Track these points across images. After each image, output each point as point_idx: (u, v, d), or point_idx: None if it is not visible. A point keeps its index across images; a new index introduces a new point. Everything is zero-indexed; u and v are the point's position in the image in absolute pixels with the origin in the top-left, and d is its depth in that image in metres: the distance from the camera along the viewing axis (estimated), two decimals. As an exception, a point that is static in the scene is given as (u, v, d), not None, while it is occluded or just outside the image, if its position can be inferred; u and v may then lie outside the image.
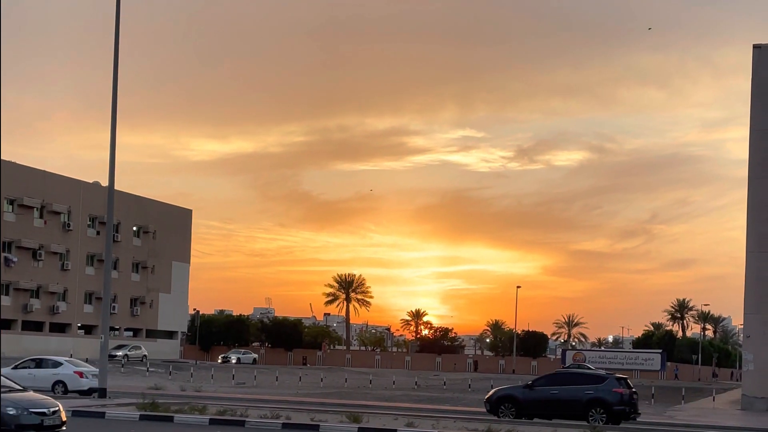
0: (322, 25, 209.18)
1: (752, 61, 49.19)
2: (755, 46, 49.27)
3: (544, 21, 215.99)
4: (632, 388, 32.83)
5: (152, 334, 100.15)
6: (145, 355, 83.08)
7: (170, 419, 27.20)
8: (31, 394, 21.42)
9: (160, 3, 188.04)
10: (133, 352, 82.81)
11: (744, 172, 49.15)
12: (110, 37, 31.75)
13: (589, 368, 59.08)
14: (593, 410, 31.31)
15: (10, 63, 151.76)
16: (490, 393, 33.87)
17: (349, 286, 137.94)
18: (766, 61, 49.00)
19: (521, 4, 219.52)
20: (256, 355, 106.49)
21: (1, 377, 21.01)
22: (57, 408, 20.79)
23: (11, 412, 19.80)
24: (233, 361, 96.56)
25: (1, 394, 20.16)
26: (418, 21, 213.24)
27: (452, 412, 35.19)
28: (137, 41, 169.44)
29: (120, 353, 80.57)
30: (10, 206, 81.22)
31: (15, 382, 22.08)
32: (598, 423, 30.58)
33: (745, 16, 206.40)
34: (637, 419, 32.60)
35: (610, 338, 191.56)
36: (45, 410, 20.39)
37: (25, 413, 19.97)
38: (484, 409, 33.24)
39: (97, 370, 35.99)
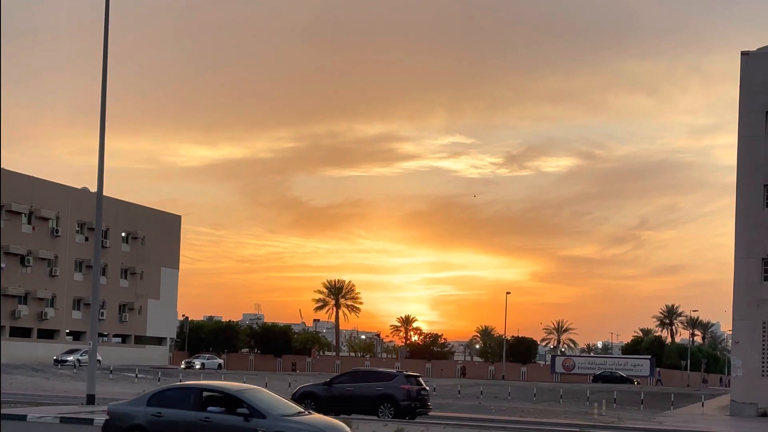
0: (312, 32, 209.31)
1: (740, 68, 49.36)
2: (743, 53, 49.44)
3: (534, 28, 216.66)
4: (422, 385, 34.47)
5: (141, 340, 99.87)
6: (98, 360, 79.23)
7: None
8: (319, 417, 19.45)
9: (149, 9, 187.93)
10: (85, 357, 74.88)
11: (732, 178, 49.35)
12: (99, 43, 31.68)
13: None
14: (383, 405, 33.16)
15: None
16: (295, 390, 35.48)
17: (338, 292, 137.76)
18: (754, 68, 49.19)
19: (511, 12, 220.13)
20: (221, 361, 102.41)
21: (284, 397, 19.72)
22: None
23: None
24: (197, 367, 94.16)
25: (291, 418, 18.22)
26: (408, 28, 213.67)
27: (442, 418, 35.14)
28: (126, 47, 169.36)
29: (71, 358, 77.20)
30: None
31: (295, 403, 20.59)
32: (387, 417, 32.22)
33: (733, 24, 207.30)
34: (429, 414, 34.09)
35: (600, 344, 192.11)
36: None
37: None
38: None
39: None
